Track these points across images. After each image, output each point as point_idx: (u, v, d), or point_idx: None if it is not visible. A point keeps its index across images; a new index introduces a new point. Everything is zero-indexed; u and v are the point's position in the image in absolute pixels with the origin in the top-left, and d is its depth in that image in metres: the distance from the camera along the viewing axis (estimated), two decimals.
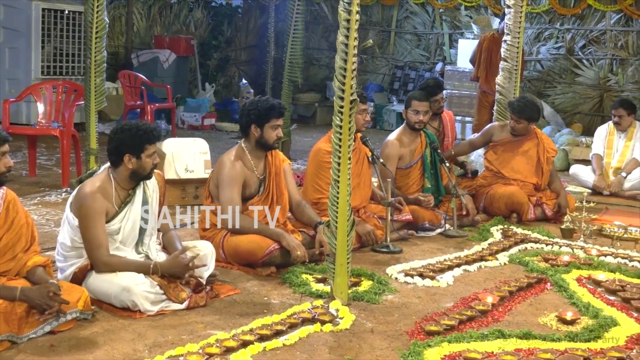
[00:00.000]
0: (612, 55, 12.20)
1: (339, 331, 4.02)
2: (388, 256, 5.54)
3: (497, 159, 7.12)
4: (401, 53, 14.78)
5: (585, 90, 12.49)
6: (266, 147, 5.19)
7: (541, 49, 12.95)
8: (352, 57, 4.19)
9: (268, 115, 5.11)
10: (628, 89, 11.99)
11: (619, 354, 3.74)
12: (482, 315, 4.32)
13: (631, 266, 5.49)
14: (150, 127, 4.38)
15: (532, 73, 13.02)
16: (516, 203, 6.71)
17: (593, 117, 12.23)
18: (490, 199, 6.88)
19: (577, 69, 12.55)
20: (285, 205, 5.34)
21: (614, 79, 12.23)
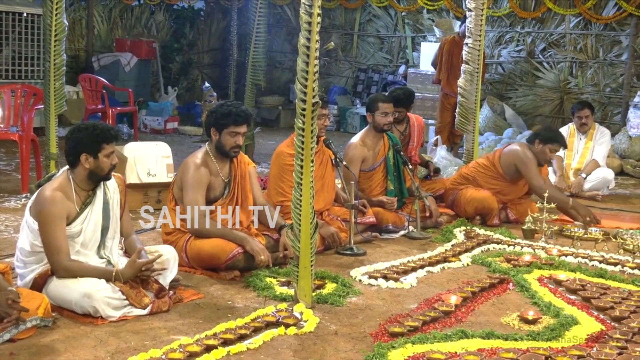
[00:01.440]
0: (572, 58, 12.35)
1: (303, 334, 4.02)
2: (352, 258, 5.55)
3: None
4: (364, 56, 14.82)
5: (546, 93, 12.63)
6: (223, 152, 5.16)
7: (502, 52, 13.06)
8: (314, 59, 4.19)
9: (225, 121, 5.08)
10: (587, 92, 12.14)
11: (579, 352, 3.79)
12: (446, 316, 4.35)
13: (591, 266, 5.56)
14: (107, 127, 4.34)
15: (494, 76, 13.13)
16: (487, 208, 6.75)
17: (553, 119, 12.36)
18: (459, 199, 6.90)
19: (538, 71, 12.68)
20: (250, 209, 5.32)
21: (573, 81, 12.39)
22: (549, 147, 6.71)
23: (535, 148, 6.72)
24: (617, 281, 5.16)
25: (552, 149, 6.75)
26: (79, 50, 13.23)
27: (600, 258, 5.72)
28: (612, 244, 6.15)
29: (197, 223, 4.97)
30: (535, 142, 6.73)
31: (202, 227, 4.99)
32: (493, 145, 10.87)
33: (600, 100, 12.02)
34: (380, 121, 6.45)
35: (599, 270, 5.40)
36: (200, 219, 4.99)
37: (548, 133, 6.84)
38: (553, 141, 6.74)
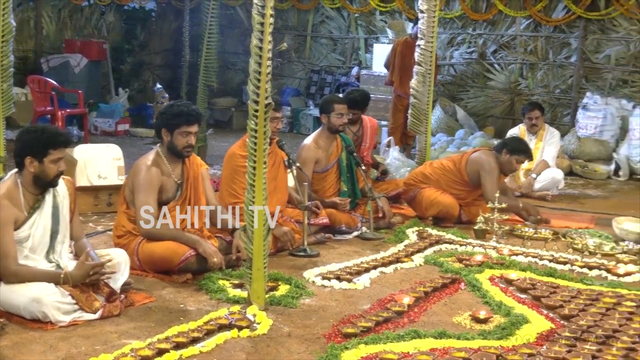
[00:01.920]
0: (522, 59, 12.52)
1: (257, 336, 4.00)
2: (305, 260, 5.54)
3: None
4: (317, 57, 14.84)
5: (497, 94, 12.78)
6: (175, 153, 5.11)
7: (454, 54, 13.19)
8: (267, 60, 4.18)
9: (177, 121, 5.04)
10: (537, 93, 12.32)
11: (529, 350, 3.84)
12: (398, 316, 4.37)
13: (541, 265, 5.64)
14: (57, 132, 4.26)
15: (446, 77, 13.25)
16: (448, 214, 6.77)
17: (504, 120, 12.51)
18: (421, 199, 6.90)
19: (489, 73, 12.83)
20: (203, 211, 5.29)
21: (523, 83, 12.56)
22: (515, 158, 6.78)
23: (502, 157, 6.77)
24: (567, 280, 5.25)
25: (518, 160, 6.83)
26: (27, 51, 12.99)
27: (550, 257, 5.80)
28: (561, 243, 6.25)
29: (153, 225, 4.92)
30: (503, 152, 6.79)
31: (155, 229, 4.94)
32: (445, 147, 10.98)
33: (550, 101, 12.21)
34: (335, 122, 6.46)
35: (549, 269, 5.48)
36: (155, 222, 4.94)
37: (516, 144, 6.89)
38: (520, 152, 6.81)
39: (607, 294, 4.89)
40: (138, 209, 4.98)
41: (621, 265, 5.60)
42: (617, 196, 9.02)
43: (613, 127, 10.72)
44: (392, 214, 6.72)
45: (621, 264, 5.67)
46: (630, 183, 9.90)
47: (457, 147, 10.95)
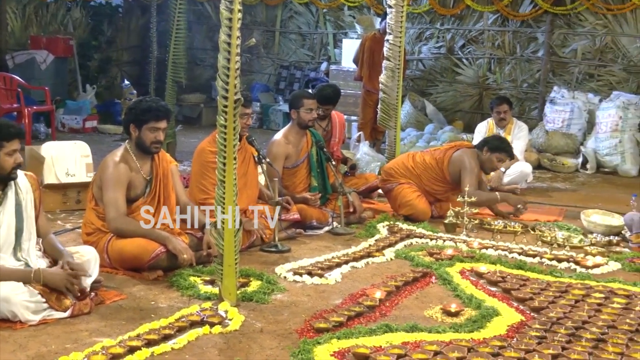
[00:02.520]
0: (490, 54, 12.61)
1: (229, 332, 3.99)
2: (276, 255, 5.53)
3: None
4: (286, 53, 14.81)
5: (466, 89, 12.86)
6: (143, 149, 5.07)
7: (422, 49, 13.24)
8: (235, 56, 4.16)
9: (145, 117, 5.00)
10: (505, 87, 12.42)
11: (500, 342, 3.87)
12: (370, 310, 4.38)
13: (511, 258, 5.68)
14: (7, 124, 4.21)
15: (415, 72, 13.29)
16: (418, 219, 6.75)
17: (473, 115, 12.59)
18: (397, 195, 6.90)
19: (458, 67, 12.90)
20: (173, 207, 5.25)
21: (492, 77, 12.65)
22: (496, 156, 6.81)
23: (483, 155, 6.81)
24: (536, 272, 5.29)
25: (499, 158, 6.85)
26: None
27: (519, 250, 5.85)
28: (530, 236, 6.31)
29: (121, 222, 4.89)
30: (484, 150, 6.81)
31: (125, 226, 4.90)
32: (414, 141, 11.03)
33: (518, 95, 12.31)
34: (304, 117, 6.46)
35: (519, 262, 5.52)
36: (122, 219, 4.91)
37: (497, 143, 6.91)
38: (501, 151, 6.83)
39: (576, 285, 4.94)
40: (107, 205, 4.94)
41: (589, 258, 5.66)
42: (585, 189, 9.13)
43: (580, 121, 10.85)
44: (362, 209, 6.74)
45: (589, 256, 5.73)
46: (598, 176, 10.03)
47: (426, 141, 11.00)
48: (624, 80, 11.46)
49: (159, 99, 5.27)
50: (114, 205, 4.92)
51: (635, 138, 10.19)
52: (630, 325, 4.15)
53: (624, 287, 4.95)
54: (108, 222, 4.94)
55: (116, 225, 4.93)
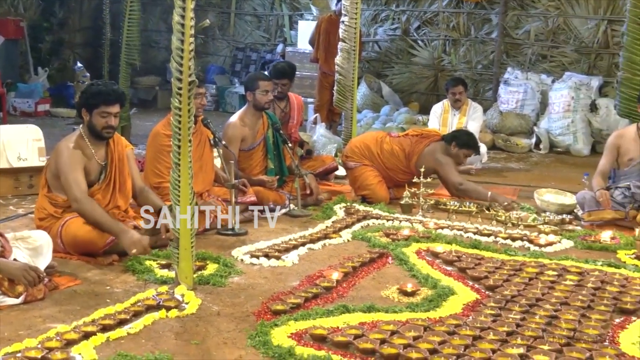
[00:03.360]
0: (445, 36, 12.67)
1: (185, 316, 3.97)
2: (233, 238, 5.52)
3: None
4: (242, 35, 14.72)
5: (421, 70, 12.92)
6: (95, 134, 4.99)
7: (378, 30, 13.26)
8: (189, 37, 4.11)
9: (95, 101, 4.91)
10: (460, 69, 12.51)
11: (456, 321, 3.90)
12: (327, 291, 4.39)
13: (466, 237, 5.74)
14: None
15: (371, 54, 13.31)
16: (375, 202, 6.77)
17: (429, 96, 12.67)
18: (359, 177, 6.90)
19: (413, 49, 12.95)
20: (128, 192, 5.20)
21: (447, 59, 12.72)
22: (463, 152, 6.88)
23: (452, 150, 6.85)
24: (491, 251, 5.35)
25: (466, 154, 6.94)
26: None
27: (474, 230, 5.91)
28: (485, 215, 6.37)
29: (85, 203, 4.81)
30: (452, 145, 6.84)
31: (88, 207, 4.82)
32: (371, 123, 11.06)
33: (473, 77, 12.41)
34: (260, 99, 6.43)
35: (474, 241, 5.59)
36: (86, 200, 4.82)
37: (465, 138, 6.94)
38: (468, 147, 6.90)
39: (529, 264, 5.00)
40: (68, 187, 4.84)
41: (543, 236, 5.74)
42: (538, 169, 9.25)
43: (533, 102, 10.99)
44: (319, 191, 6.75)
45: (543, 234, 5.81)
46: (551, 156, 10.17)
47: (382, 123, 11.04)
48: (576, 61, 11.62)
49: (112, 83, 5.19)
50: (75, 185, 4.82)
51: (587, 118, 10.35)
52: (583, 302, 4.21)
53: (577, 264, 5.04)
54: (72, 202, 4.85)
55: (79, 206, 4.82)
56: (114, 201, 5.09)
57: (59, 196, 4.99)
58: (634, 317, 4.09)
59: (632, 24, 6.97)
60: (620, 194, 6.21)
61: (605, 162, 6.46)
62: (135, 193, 5.28)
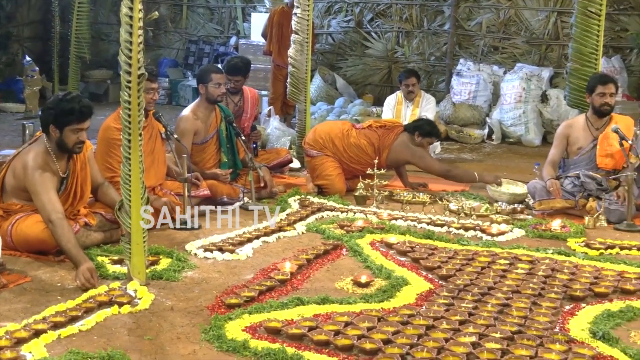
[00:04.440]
0: (398, 28, 12.73)
1: (138, 312, 3.94)
2: (187, 233, 5.48)
3: None
4: (194, 27, 14.60)
5: (375, 62, 12.95)
6: (65, 150, 4.85)
7: (332, 22, 13.25)
8: (138, 29, 4.07)
9: (67, 119, 4.74)
10: (413, 60, 12.57)
11: (410, 311, 3.93)
12: (282, 284, 4.39)
13: (420, 228, 5.78)
14: None
15: (324, 46, 13.31)
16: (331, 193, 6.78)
17: (383, 88, 12.71)
18: (317, 167, 6.91)
19: (367, 41, 12.98)
20: (87, 197, 5.12)
21: (400, 51, 12.78)
22: (427, 141, 6.98)
23: (415, 140, 6.90)
24: (444, 241, 5.40)
25: (429, 142, 7.07)
26: None
27: (428, 220, 5.96)
28: (438, 206, 6.43)
29: (60, 227, 4.55)
30: (416, 135, 6.91)
31: (61, 232, 4.55)
32: (325, 115, 11.06)
33: (426, 68, 12.49)
34: (213, 92, 6.39)
35: (427, 231, 5.63)
36: (61, 223, 4.58)
37: (428, 127, 7.02)
38: (431, 135, 7.02)
39: (482, 253, 5.06)
40: (41, 209, 4.64)
41: (495, 226, 5.81)
42: (491, 159, 9.35)
43: (485, 93, 11.10)
44: (273, 184, 6.73)
45: (495, 224, 5.88)
46: (503, 146, 10.28)
47: (337, 115, 11.05)
48: (527, 52, 11.77)
49: (80, 96, 4.99)
50: (50, 206, 4.61)
51: (538, 109, 10.48)
52: (534, 290, 4.28)
53: (528, 253, 5.11)
54: (45, 222, 4.64)
55: (53, 228, 4.58)
56: (71, 209, 4.98)
57: (13, 203, 4.89)
58: (583, 304, 4.17)
59: (581, 16, 7.08)
60: (570, 183, 6.31)
61: (555, 152, 6.56)
62: (94, 188, 5.19)
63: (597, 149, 6.33)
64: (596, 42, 7.01)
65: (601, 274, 4.64)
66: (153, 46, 14.33)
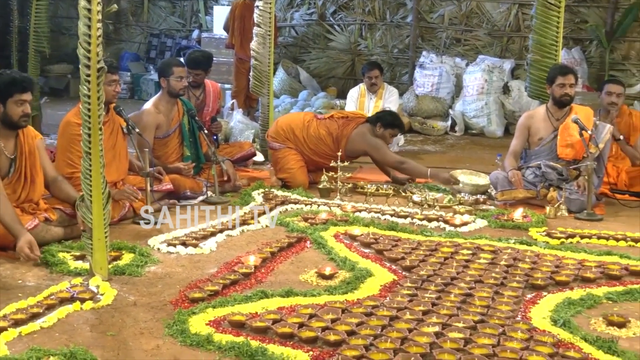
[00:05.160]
0: (361, 20, 12.75)
1: (101, 308, 3.90)
2: (150, 227, 5.44)
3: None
4: (156, 21, 14.48)
5: (338, 55, 12.96)
6: (12, 125, 4.84)
7: (294, 15, 13.24)
8: (97, 22, 4.02)
9: (9, 90, 4.76)
10: (376, 53, 12.60)
11: (374, 302, 3.95)
12: (246, 278, 4.38)
13: (383, 219, 5.80)
14: None
15: (287, 39, 13.29)
16: (293, 186, 6.79)
17: (346, 80, 12.73)
18: (280, 159, 6.91)
19: (330, 34, 12.98)
20: (40, 185, 5.06)
21: (363, 43, 12.80)
22: (389, 132, 6.97)
23: (377, 131, 6.90)
24: (408, 233, 5.43)
25: (392, 134, 7.03)
26: None
27: (391, 212, 5.98)
28: (402, 198, 6.46)
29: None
30: (377, 126, 6.91)
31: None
32: (289, 108, 11.04)
33: (389, 61, 12.52)
34: (175, 86, 6.35)
35: (391, 223, 5.65)
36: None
37: (390, 118, 7.03)
38: (393, 126, 6.99)
39: (445, 244, 5.10)
40: None
41: (458, 216, 5.85)
42: (454, 151, 9.42)
43: (448, 85, 11.18)
44: (237, 177, 6.71)
45: (458, 214, 5.93)
46: (466, 138, 10.37)
47: (300, 108, 11.04)
48: (489, 44, 11.86)
49: (14, 71, 5.05)
50: None
51: (500, 100, 10.58)
52: (496, 279, 4.32)
53: (490, 242, 5.16)
54: None
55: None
56: (25, 195, 4.94)
57: None
58: (544, 293, 4.22)
59: (541, 8, 7.13)
60: (532, 174, 6.38)
61: (517, 143, 6.62)
62: (48, 183, 5.15)
63: (558, 139, 6.41)
64: (556, 33, 7.07)
65: (562, 263, 4.70)
66: (114, 40, 14.20)
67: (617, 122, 6.92)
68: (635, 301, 4.14)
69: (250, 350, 3.35)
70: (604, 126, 6.32)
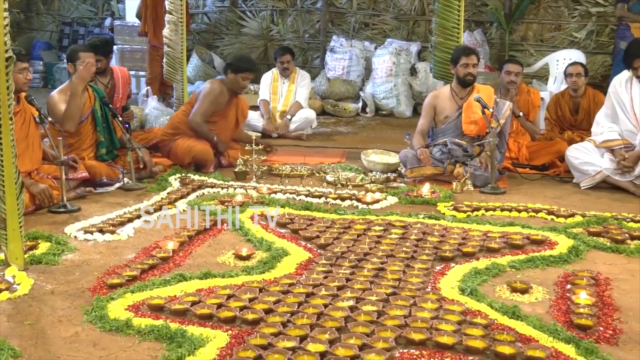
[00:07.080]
0: (272, 6, 12.80)
1: (17, 297, 3.88)
2: (66, 216, 5.42)
3: None
4: (68, 9, 14.21)
5: (251, 41, 12.99)
6: None
7: (207, 2, 13.20)
8: (3, 11, 3.99)
9: None
10: (288, 38, 12.69)
11: (290, 280, 4.04)
12: (164, 262, 4.42)
13: (299, 200, 5.93)
14: None
15: (200, 26, 13.24)
16: (203, 160, 6.88)
17: (259, 65, 12.74)
18: (176, 149, 6.97)
19: (242, 20, 12.99)
20: None
21: (275, 29, 12.86)
22: (241, 76, 7.02)
23: (229, 78, 6.97)
24: (322, 212, 5.57)
25: (244, 77, 7.05)
26: None
27: (306, 192, 6.11)
28: (316, 178, 6.60)
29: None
30: (228, 72, 6.99)
31: None
32: None
33: (301, 45, 12.64)
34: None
35: (306, 203, 5.78)
36: None
37: (239, 63, 7.10)
38: (244, 70, 7.03)
39: (358, 221, 5.25)
40: None
41: (369, 194, 6.01)
42: (365, 131, 9.62)
43: (358, 68, 11.37)
44: (153, 164, 6.72)
45: (370, 193, 6.10)
46: (377, 118, 10.59)
47: None
48: (396, 28, 12.10)
49: None
50: None
51: (408, 81, 10.82)
52: (407, 253, 4.49)
53: (401, 218, 5.35)
54: None
55: None
56: None
57: None
58: (452, 264, 4.40)
59: None
60: (439, 151, 6.60)
61: (424, 122, 6.84)
62: None
63: (462, 117, 6.65)
64: (458, 16, 7.27)
65: (468, 235, 4.90)
66: (25, 29, 13.87)
67: (516, 100, 7.23)
68: (537, 268, 4.36)
69: (170, 332, 3.37)
70: (504, 103, 6.60)
